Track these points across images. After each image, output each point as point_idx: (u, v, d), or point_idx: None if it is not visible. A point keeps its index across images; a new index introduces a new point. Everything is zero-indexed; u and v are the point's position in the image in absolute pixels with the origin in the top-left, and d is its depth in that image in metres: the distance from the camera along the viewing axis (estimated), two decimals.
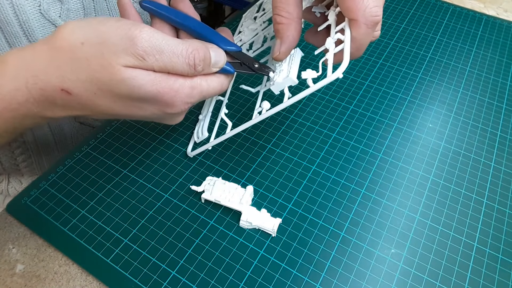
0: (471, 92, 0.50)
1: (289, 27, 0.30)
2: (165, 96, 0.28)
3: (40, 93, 0.27)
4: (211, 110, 0.42)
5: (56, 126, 0.47)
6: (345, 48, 0.28)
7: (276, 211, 0.37)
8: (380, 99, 0.48)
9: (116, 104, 0.28)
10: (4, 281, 0.33)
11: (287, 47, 0.31)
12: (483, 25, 0.60)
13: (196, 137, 0.40)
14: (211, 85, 0.31)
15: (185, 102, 0.29)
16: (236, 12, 1.36)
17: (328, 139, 0.43)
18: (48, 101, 0.28)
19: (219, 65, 0.31)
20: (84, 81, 0.27)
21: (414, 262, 0.34)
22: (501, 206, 0.39)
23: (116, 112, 0.29)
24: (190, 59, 0.28)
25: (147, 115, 0.30)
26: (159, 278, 0.33)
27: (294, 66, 0.32)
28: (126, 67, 0.26)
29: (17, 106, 0.28)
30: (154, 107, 0.29)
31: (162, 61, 0.27)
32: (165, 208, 0.37)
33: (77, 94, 0.27)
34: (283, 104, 0.31)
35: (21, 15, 0.36)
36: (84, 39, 0.26)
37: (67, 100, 0.28)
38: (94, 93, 0.27)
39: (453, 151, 0.43)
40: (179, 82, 0.29)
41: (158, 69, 0.27)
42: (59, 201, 0.37)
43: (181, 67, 0.28)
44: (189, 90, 0.29)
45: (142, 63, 0.27)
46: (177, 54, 0.27)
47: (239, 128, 0.34)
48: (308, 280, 0.33)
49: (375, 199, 0.38)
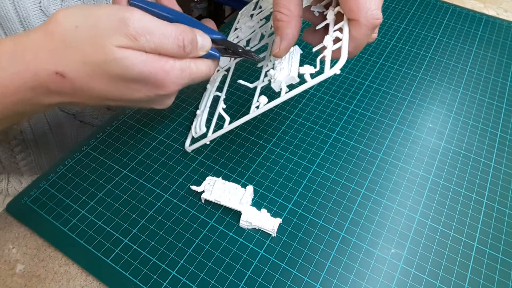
0: (471, 92, 0.50)
1: (289, 24, 0.31)
2: (156, 77, 0.29)
3: (34, 78, 0.28)
4: (208, 105, 0.42)
5: (55, 124, 0.47)
6: (343, 45, 0.29)
7: (276, 211, 0.37)
8: (380, 99, 0.48)
9: (109, 86, 0.29)
10: (4, 281, 0.33)
11: (287, 44, 0.32)
12: (483, 25, 0.60)
13: (194, 132, 0.40)
14: (200, 68, 0.32)
15: (175, 83, 0.30)
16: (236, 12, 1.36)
17: (328, 139, 0.43)
18: (43, 86, 0.28)
19: (206, 48, 0.32)
20: (78, 64, 0.27)
21: (414, 262, 0.34)
22: (501, 206, 0.39)
23: (109, 95, 0.30)
24: (179, 40, 0.29)
25: (139, 98, 0.31)
26: (159, 278, 0.33)
27: (294, 64, 0.32)
28: (119, 48, 0.27)
29: (14, 91, 0.28)
30: (145, 88, 0.30)
31: (153, 41, 0.28)
32: (165, 208, 0.37)
33: (71, 77, 0.28)
34: (280, 98, 0.31)
35: (21, 11, 0.36)
36: (78, 23, 0.27)
37: (61, 84, 0.28)
38: (88, 75, 0.28)
39: (453, 151, 0.43)
40: (170, 63, 0.29)
41: (149, 50, 0.28)
42: (59, 201, 0.37)
43: (171, 48, 0.29)
44: (179, 71, 0.30)
45: (134, 43, 0.27)
46: (167, 35, 0.28)
47: (237, 122, 0.34)
48: (308, 280, 0.33)
49: (375, 199, 0.38)
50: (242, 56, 0.35)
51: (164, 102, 0.33)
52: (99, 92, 0.29)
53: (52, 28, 0.27)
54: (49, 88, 0.28)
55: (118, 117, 0.45)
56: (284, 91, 0.32)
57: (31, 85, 0.28)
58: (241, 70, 0.50)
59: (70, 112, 0.48)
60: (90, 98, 0.30)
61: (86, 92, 0.29)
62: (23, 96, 0.28)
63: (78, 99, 0.30)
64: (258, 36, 0.42)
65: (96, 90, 0.29)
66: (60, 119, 0.48)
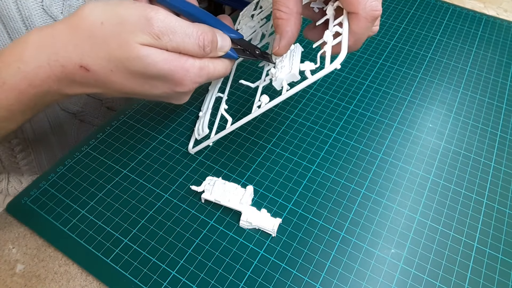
0: (471, 92, 0.50)
1: (288, 22, 0.31)
2: (176, 75, 0.30)
3: (61, 70, 0.29)
4: (211, 106, 0.42)
5: (56, 123, 0.47)
6: (343, 39, 0.29)
7: (276, 211, 0.37)
8: (380, 99, 0.48)
9: (130, 81, 0.30)
10: (4, 281, 0.33)
11: (287, 42, 0.32)
12: (483, 25, 0.60)
13: (197, 134, 0.40)
14: (217, 67, 0.32)
15: (193, 82, 0.31)
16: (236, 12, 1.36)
17: (328, 139, 0.43)
18: (68, 78, 0.29)
19: (225, 49, 0.33)
20: (102, 59, 0.28)
21: (414, 262, 0.34)
22: (501, 206, 0.39)
23: (129, 89, 0.31)
24: (200, 40, 0.30)
25: (157, 94, 0.32)
26: (159, 278, 0.33)
27: (295, 61, 0.32)
28: (142, 45, 0.28)
29: (40, 83, 0.29)
30: (165, 85, 0.31)
31: (175, 41, 0.29)
32: (165, 208, 0.37)
33: (95, 71, 0.29)
34: (282, 97, 0.31)
35: (23, 10, 0.36)
36: (104, 19, 0.28)
37: (85, 76, 0.29)
38: (111, 70, 0.29)
39: (453, 151, 0.43)
40: (190, 62, 0.30)
41: (171, 48, 0.29)
42: (59, 201, 0.37)
43: (192, 48, 0.30)
44: (198, 70, 0.31)
45: (157, 42, 0.28)
46: (188, 35, 0.29)
47: (239, 123, 0.34)
48: (308, 280, 0.33)
49: (375, 199, 0.38)
50: (259, 58, 0.36)
51: (181, 98, 0.34)
52: (120, 85, 0.30)
53: (77, 22, 0.28)
54: (74, 80, 0.29)
55: (118, 117, 0.45)
56: (285, 88, 0.32)
57: (58, 77, 0.29)
58: (241, 70, 0.50)
59: (71, 112, 0.48)
60: (112, 90, 0.31)
61: (108, 85, 0.30)
62: (47, 88, 0.29)
63: (100, 90, 0.31)
64: (259, 35, 0.42)
65: (118, 84, 0.30)
66: (61, 119, 0.48)
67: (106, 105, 0.52)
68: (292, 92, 0.31)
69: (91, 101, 0.50)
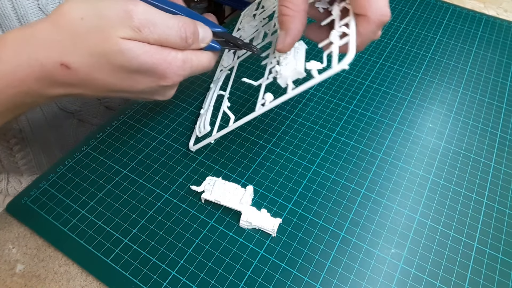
0: (471, 92, 0.50)
1: (294, 19, 0.31)
2: (159, 67, 0.29)
3: (40, 68, 0.28)
4: (212, 104, 0.42)
5: (54, 123, 0.47)
6: (351, 40, 0.28)
7: (276, 211, 0.37)
8: (380, 99, 0.48)
9: (113, 77, 0.29)
10: (4, 281, 0.33)
11: (292, 39, 0.31)
12: (483, 25, 0.60)
13: (198, 131, 0.40)
14: (200, 60, 0.32)
15: (177, 74, 0.31)
16: (236, 12, 1.36)
17: (328, 139, 0.43)
18: (48, 77, 0.28)
19: (206, 40, 0.32)
20: (84, 55, 0.28)
21: (414, 262, 0.34)
22: (501, 206, 0.39)
23: (112, 86, 0.30)
24: (182, 32, 0.29)
25: (141, 89, 0.31)
26: (159, 278, 0.33)
27: (300, 58, 0.32)
28: (123, 39, 0.27)
29: (18, 83, 0.28)
30: (148, 79, 0.30)
31: (157, 33, 0.28)
32: (165, 208, 0.37)
33: (76, 68, 0.28)
34: (287, 95, 0.31)
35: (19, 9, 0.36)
36: (84, 15, 0.27)
37: (66, 75, 0.28)
38: (92, 66, 0.28)
39: (453, 151, 0.43)
40: (172, 55, 0.30)
41: (152, 41, 0.29)
42: (59, 201, 0.37)
43: (174, 40, 0.29)
44: (181, 63, 0.30)
45: (138, 35, 0.28)
46: (169, 27, 0.29)
47: (242, 120, 0.34)
48: (308, 280, 0.33)
49: (375, 199, 0.38)
50: (242, 48, 0.36)
51: (166, 93, 0.34)
52: (103, 83, 0.30)
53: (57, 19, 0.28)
54: (55, 79, 0.29)
55: (118, 117, 0.45)
56: (290, 87, 0.31)
57: (37, 76, 0.28)
58: (245, 66, 0.50)
59: (69, 111, 0.48)
60: (94, 89, 0.30)
61: (90, 83, 0.30)
62: (27, 88, 0.29)
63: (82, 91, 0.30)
64: (261, 34, 0.42)
65: (100, 81, 0.29)
66: (59, 118, 0.48)
67: (105, 104, 0.52)
68: (298, 91, 0.30)
69: (89, 100, 0.50)
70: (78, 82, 0.29)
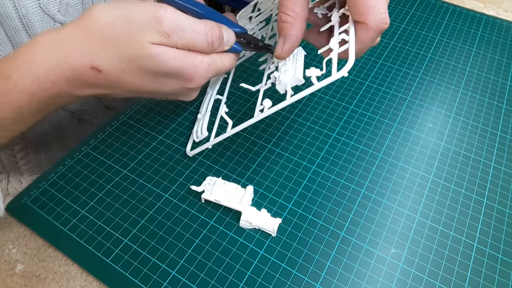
0: (471, 92, 0.50)
1: (294, 26, 0.31)
2: (186, 72, 0.30)
3: (72, 71, 0.29)
4: (210, 108, 0.42)
5: (55, 122, 0.47)
6: (350, 47, 0.28)
7: (276, 211, 0.37)
8: (380, 99, 0.48)
9: (141, 80, 0.30)
10: (4, 281, 0.33)
11: (291, 46, 0.32)
12: (483, 25, 0.60)
13: (195, 136, 0.40)
14: (224, 62, 0.33)
15: (203, 77, 0.32)
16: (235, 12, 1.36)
17: (328, 139, 0.43)
18: (79, 79, 0.29)
19: (230, 43, 0.33)
20: (114, 59, 0.29)
21: (414, 262, 0.34)
22: (501, 206, 0.39)
23: (140, 88, 0.31)
24: (208, 37, 0.30)
25: (167, 91, 0.32)
26: (159, 278, 0.33)
27: (299, 65, 0.32)
28: (152, 44, 0.28)
29: (50, 85, 0.29)
30: (175, 82, 0.32)
31: (185, 38, 0.29)
32: (165, 208, 0.37)
33: (106, 71, 0.29)
34: (285, 102, 0.31)
35: (20, 9, 0.36)
36: (114, 20, 0.28)
37: (97, 77, 0.30)
38: (122, 70, 0.29)
39: (453, 151, 0.43)
40: (199, 59, 0.31)
41: (181, 46, 0.30)
42: (59, 201, 0.37)
43: (201, 44, 0.30)
44: (207, 66, 0.32)
45: (167, 40, 0.29)
46: (197, 32, 0.30)
47: (240, 126, 0.34)
48: (308, 280, 0.33)
49: (375, 199, 0.38)
50: (262, 50, 0.37)
51: (190, 94, 0.35)
52: (131, 85, 0.31)
53: (88, 24, 0.29)
54: (85, 81, 0.30)
55: (118, 117, 0.45)
56: (289, 94, 0.32)
57: (69, 79, 0.29)
58: (241, 70, 0.50)
59: (69, 110, 0.48)
60: (123, 90, 0.31)
61: (119, 85, 0.31)
62: (58, 89, 0.30)
63: (111, 91, 0.31)
64: (259, 38, 0.42)
65: (129, 84, 0.30)
66: (59, 117, 0.48)
67: (105, 103, 0.52)
68: (297, 98, 0.30)
69: (89, 99, 0.50)
70: (108, 84, 0.30)
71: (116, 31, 0.28)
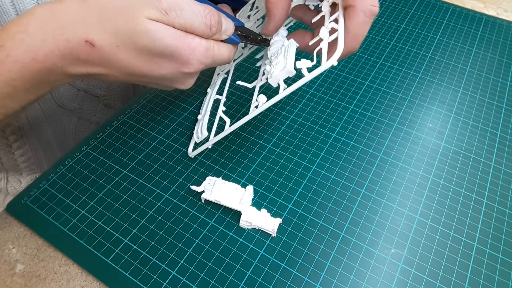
0: (471, 92, 0.50)
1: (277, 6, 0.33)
2: (182, 53, 0.30)
3: (65, 44, 0.28)
4: (209, 109, 0.42)
5: (53, 120, 0.47)
6: (339, 35, 0.28)
7: (276, 211, 0.37)
8: (380, 99, 0.48)
9: (136, 59, 0.30)
10: (4, 281, 0.33)
11: (275, 24, 0.34)
12: (483, 25, 0.60)
13: (196, 137, 0.40)
14: (221, 51, 0.33)
15: (199, 62, 0.31)
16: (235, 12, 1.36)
17: (328, 139, 0.43)
18: (72, 54, 0.29)
19: (228, 32, 0.33)
20: (109, 33, 0.28)
21: (414, 262, 0.34)
22: (501, 206, 0.39)
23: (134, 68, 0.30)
24: (207, 19, 0.30)
25: (163, 74, 0.31)
26: (159, 278, 0.33)
27: (290, 57, 0.32)
28: (149, 20, 0.28)
29: (44, 58, 0.28)
30: (171, 64, 0.31)
31: (183, 17, 0.29)
32: (165, 208, 0.37)
33: (100, 46, 0.28)
34: (279, 96, 0.31)
35: (18, 4, 0.36)
36: None
37: (90, 53, 0.29)
38: (117, 46, 0.29)
39: (453, 151, 0.43)
40: (196, 41, 0.30)
41: (178, 25, 0.29)
42: (59, 201, 0.37)
43: (199, 26, 0.30)
44: (204, 50, 0.31)
45: (164, 17, 0.28)
46: (196, 13, 0.29)
47: (237, 124, 0.34)
48: (308, 280, 0.33)
49: (375, 199, 0.38)
50: (260, 44, 0.37)
51: (186, 81, 0.34)
52: (125, 64, 0.30)
53: None
54: (78, 57, 0.29)
55: (118, 117, 0.45)
56: (282, 87, 0.32)
57: (62, 52, 0.28)
58: (240, 70, 0.50)
59: (68, 108, 0.48)
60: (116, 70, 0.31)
61: (113, 63, 0.30)
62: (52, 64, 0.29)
63: (103, 71, 0.30)
64: None
65: (123, 62, 0.30)
66: (58, 115, 0.48)
67: (104, 102, 0.52)
68: (289, 91, 0.31)
69: (88, 97, 0.50)
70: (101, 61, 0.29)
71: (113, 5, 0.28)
